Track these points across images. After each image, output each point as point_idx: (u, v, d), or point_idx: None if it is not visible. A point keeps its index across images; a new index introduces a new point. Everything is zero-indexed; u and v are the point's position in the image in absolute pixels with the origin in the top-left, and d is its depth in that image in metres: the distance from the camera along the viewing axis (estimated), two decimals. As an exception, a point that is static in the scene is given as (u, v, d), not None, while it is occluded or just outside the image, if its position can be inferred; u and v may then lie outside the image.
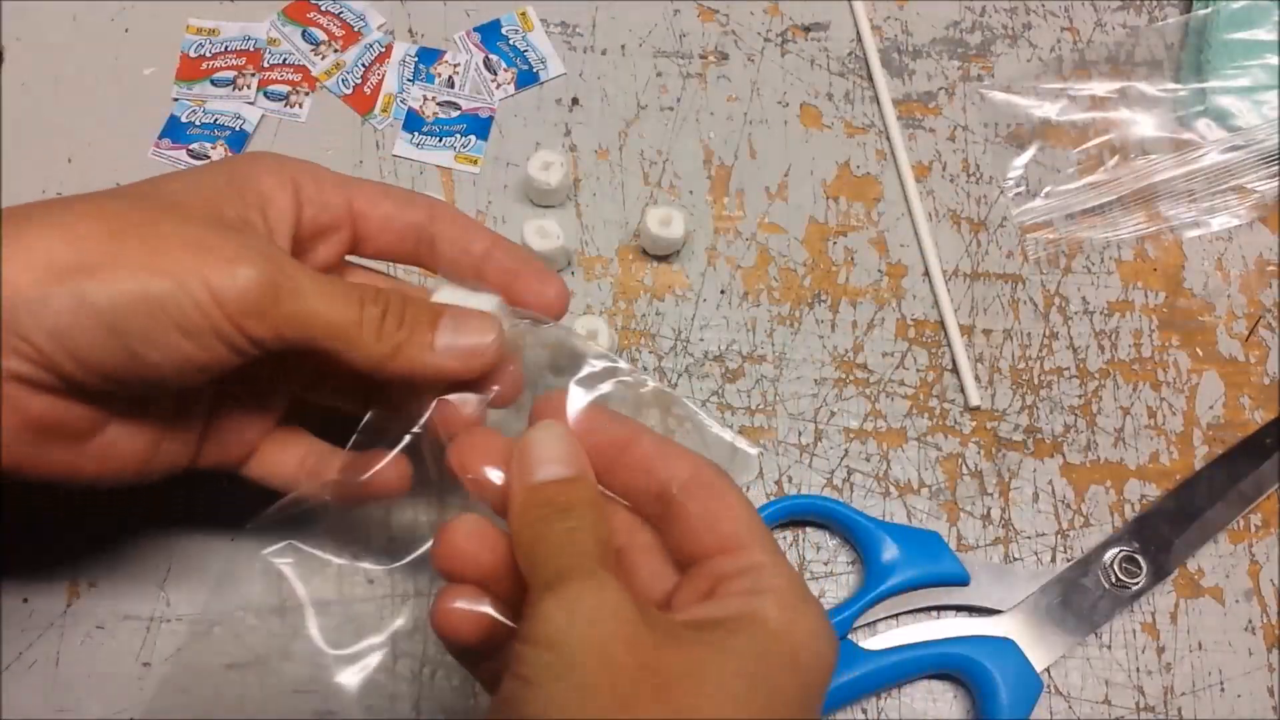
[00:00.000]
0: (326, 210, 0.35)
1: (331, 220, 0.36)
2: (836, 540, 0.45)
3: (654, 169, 0.51)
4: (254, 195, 0.34)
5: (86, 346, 0.29)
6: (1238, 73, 0.52)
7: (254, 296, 0.30)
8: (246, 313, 0.30)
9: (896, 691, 0.43)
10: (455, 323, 0.34)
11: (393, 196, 0.37)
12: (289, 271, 0.31)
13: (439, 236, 0.37)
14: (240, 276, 0.30)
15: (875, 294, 0.49)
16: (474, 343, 0.33)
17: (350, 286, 0.33)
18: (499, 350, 0.34)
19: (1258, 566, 0.45)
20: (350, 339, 0.32)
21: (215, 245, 0.30)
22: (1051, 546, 0.45)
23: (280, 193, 0.34)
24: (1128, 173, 0.51)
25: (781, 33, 0.54)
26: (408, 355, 0.33)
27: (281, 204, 0.34)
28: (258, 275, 0.30)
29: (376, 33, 0.53)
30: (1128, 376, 0.48)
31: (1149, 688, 0.43)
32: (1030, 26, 0.55)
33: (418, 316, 0.33)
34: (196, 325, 0.30)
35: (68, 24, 0.53)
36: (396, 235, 0.37)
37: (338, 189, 0.36)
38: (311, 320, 0.31)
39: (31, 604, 0.42)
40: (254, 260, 0.30)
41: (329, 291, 0.32)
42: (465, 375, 0.34)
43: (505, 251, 0.37)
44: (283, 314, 0.31)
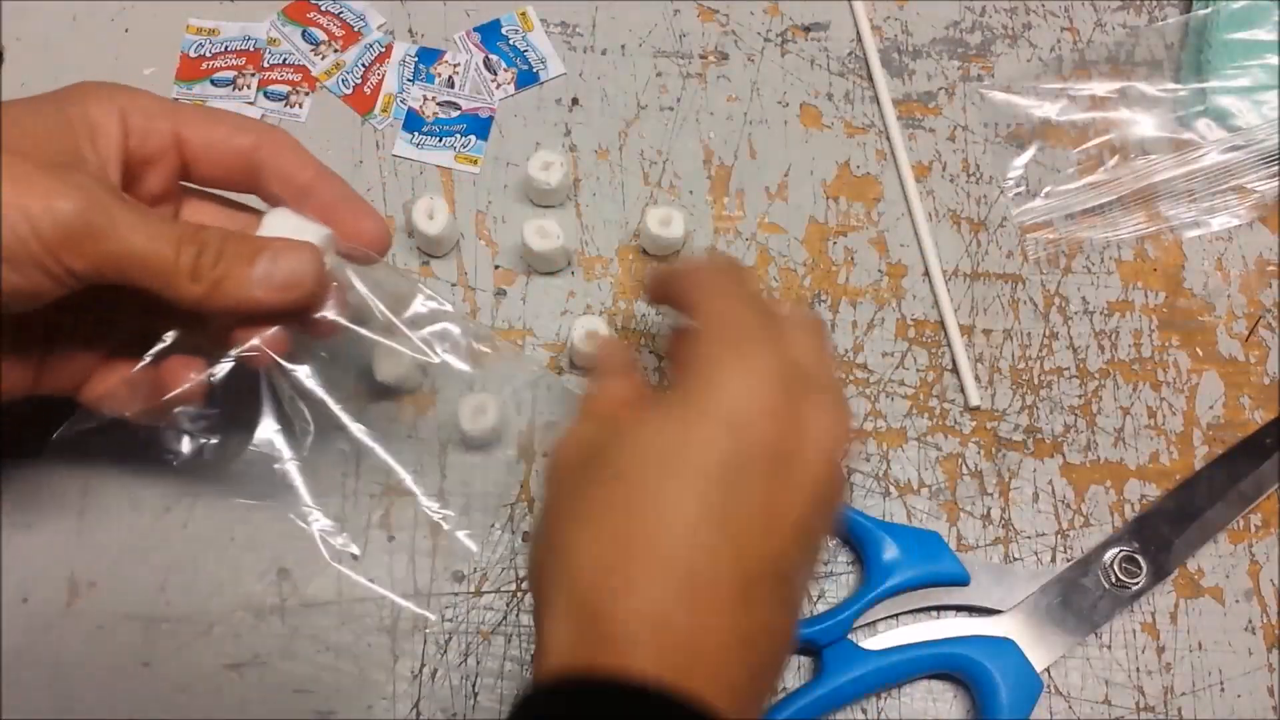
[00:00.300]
0: (153, 137, 0.36)
1: (158, 147, 0.36)
2: (836, 540, 0.45)
3: (654, 169, 0.51)
4: (84, 125, 0.34)
5: None
6: (1238, 73, 0.52)
7: (70, 231, 0.31)
8: (64, 246, 0.31)
9: (896, 691, 0.43)
10: (273, 255, 0.34)
11: (221, 122, 0.37)
12: (107, 208, 0.32)
13: (264, 165, 0.37)
14: (57, 211, 0.31)
15: (875, 294, 0.49)
16: (291, 273, 0.34)
17: (169, 225, 0.33)
18: (316, 282, 0.35)
19: (1258, 566, 0.45)
20: (167, 278, 0.33)
21: (37, 180, 0.31)
22: (1051, 546, 0.45)
23: (108, 120, 0.35)
24: (1128, 173, 0.51)
25: (781, 33, 0.54)
26: (224, 291, 0.34)
27: (110, 133, 0.35)
28: (74, 210, 0.31)
29: (376, 33, 0.53)
30: (1128, 376, 0.48)
31: (1149, 688, 0.43)
32: (1030, 26, 0.55)
33: (237, 251, 0.34)
34: (16, 255, 0.31)
35: (68, 24, 0.53)
36: (223, 162, 0.37)
37: (165, 116, 0.36)
38: (127, 258, 0.32)
39: (31, 604, 0.42)
40: (71, 195, 0.31)
41: (146, 230, 0.33)
42: (283, 307, 0.35)
43: (328, 184, 0.38)
44: (99, 250, 0.32)
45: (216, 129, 0.37)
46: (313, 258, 0.35)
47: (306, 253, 0.35)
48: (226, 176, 0.38)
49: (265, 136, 0.38)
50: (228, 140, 0.37)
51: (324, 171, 0.38)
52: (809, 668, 0.43)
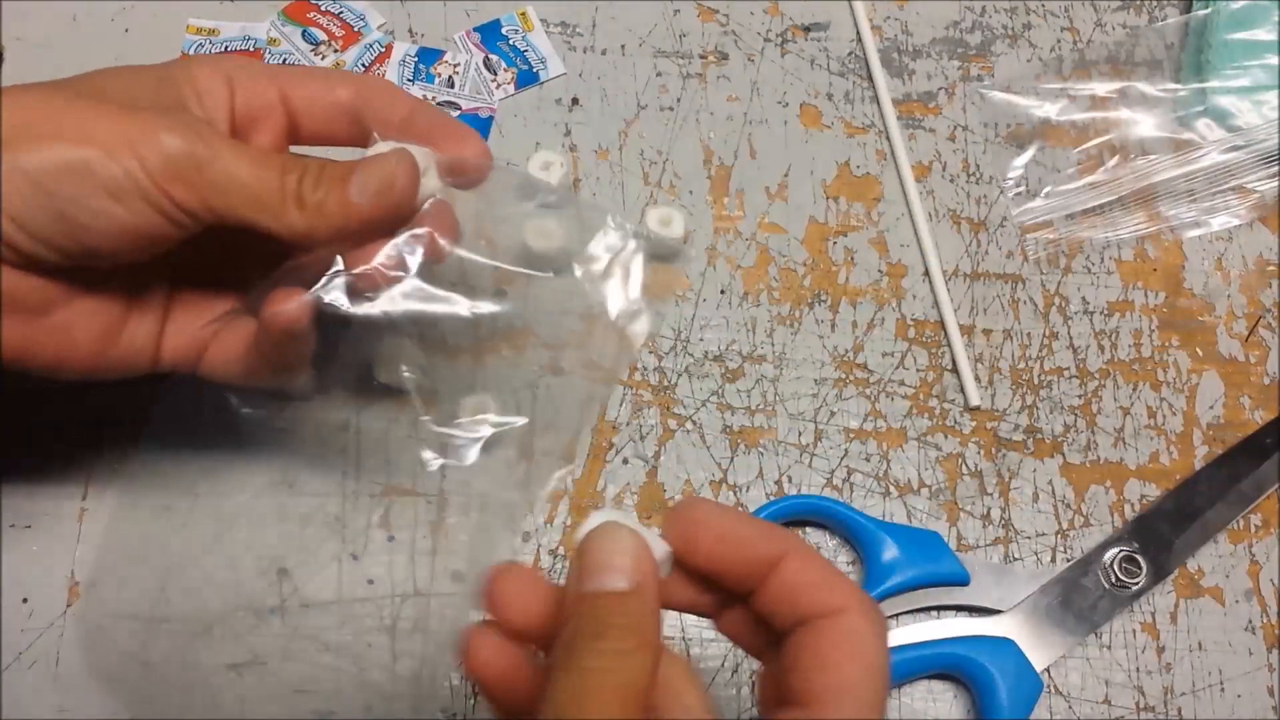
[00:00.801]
0: (258, 97, 0.37)
1: (264, 106, 0.37)
2: (836, 540, 0.45)
3: (654, 169, 0.51)
4: (189, 87, 0.35)
5: (27, 213, 0.31)
6: (1238, 73, 0.52)
7: (178, 162, 0.32)
8: (172, 178, 0.32)
9: (896, 691, 0.43)
10: (365, 166, 0.34)
11: (318, 77, 0.38)
12: (211, 141, 0.32)
13: (363, 110, 0.38)
14: (164, 142, 0.31)
15: (875, 294, 0.49)
16: (383, 177, 0.34)
17: (272, 156, 0.34)
18: (409, 180, 0.35)
19: (1258, 566, 0.45)
20: (273, 208, 0.33)
21: (141, 117, 0.32)
22: (1051, 546, 0.45)
23: (214, 82, 0.36)
24: (1128, 173, 0.51)
25: (781, 33, 0.54)
26: (327, 211, 0.34)
27: (216, 93, 0.36)
28: (181, 142, 0.32)
29: (376, 33, 0.53)
30: (1128, 376, 0.48)
31: (1149, 688, 0.43)
32: (1030, 26, 0.55)
33: (335, 174, 0.34)
34: (124, 188, 0.31)
35: (68, 24, 0.53)
36: (326, 115, 0.38)
37: (269, 79, 0.37)
38: (234, 189, 0.32)
39: (31, 604, 0.42)
40: (178, 129, 0.32)
41: (250, 160, 0.33)
42: (383, 214, 0.35)
43: (424, 114, 0.38)
44: (206, 181, 0.32)
45: (313, 83, 0.38)
46: (402, 159, 0.35)
47: (393, 157, 0.35)
48: (332, 130, 0.38)
49: (361, 84, 0.38)
50: (326, 93, 0.37)
51: (420, 104, 0.38)
52: (809, 668, 0.43)
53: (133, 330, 0.36)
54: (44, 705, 0.41)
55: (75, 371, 0.35)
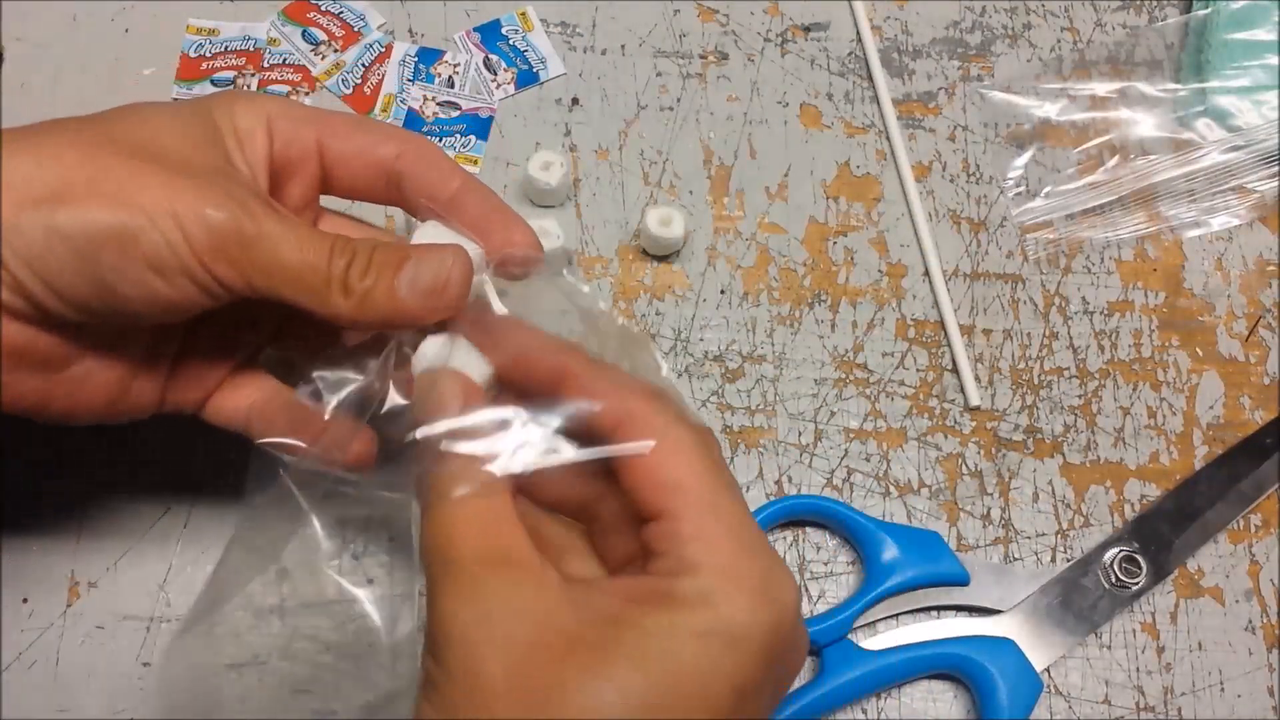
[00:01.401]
0: (295, 144, 0.35)
1: (300, 154, 0.35)
2: (836, 540, 0.45)
3: (654, 169, 0.51)
4: (231, 132, 0.34)
5: (59, 275, 0.30)
6: (1238, 73, 0.52)
7: (222, 239, 0.30)
8: (214, 255, 0.30)
9: (896, 691, 0.43)
10: (418, 260, 0.32)
11: (362, 130, 0.36)
12: (259, 217, 0.31)
13: (406, 175, 0.36)
14: (209, 218, 0.30)
15: (875, 294, 0.49)
16: (435, 277, 0.32)
17: (321, 235, 0.32)
18: (463, 284, 0.33)
19: (1258, 566, 0.45)
20: (319, 292, 0.32)
21: (187, 184, 0.30)
22: (1051, 546, 0.45)
23: (255, 127, 0.34)
24: (1128, 173, 0.51)
25: (781, 33, 0.54)
26: (373, 301, 0.32)
27: (257, 139, 0.34)
28: (226, 217, 0.30)
29: (376, 33, 0.53)
30: (1128, 376, 0.48)
31: (1149, 688, 0.43)
32: (1030, 26, 0.55)
33: (385, 261, 0.32)
34: (166, 262, 0.30)
35: (68, 24, 0.53)
36: (363, 172, 0.36)
37: (309, 123, 0.35)
38: (279, 270, 0.31)
39: (31, 604, 0.42)
40: (223, 203, 0.30)
41: (299, 241, 0.31)
42: (430, 315, 0.33)
43: (475, 195, 0.36)
44: (250, 260, 0.31)
45: (357, 136, 0.36)
46: (458, 259, 0.33)
47: (450, 255, 0.33)
48: (368, 187, 0.37)
49: (408, 145, 0.36)
50: (370, 149, 0.36)
51: (470, 182, 0.36)
52: (809, 668, 0.43)
53: (144, 381, 0.35)
54: (44, 705, 0.41)
55: (85, 421, 0.34)
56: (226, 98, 0.35)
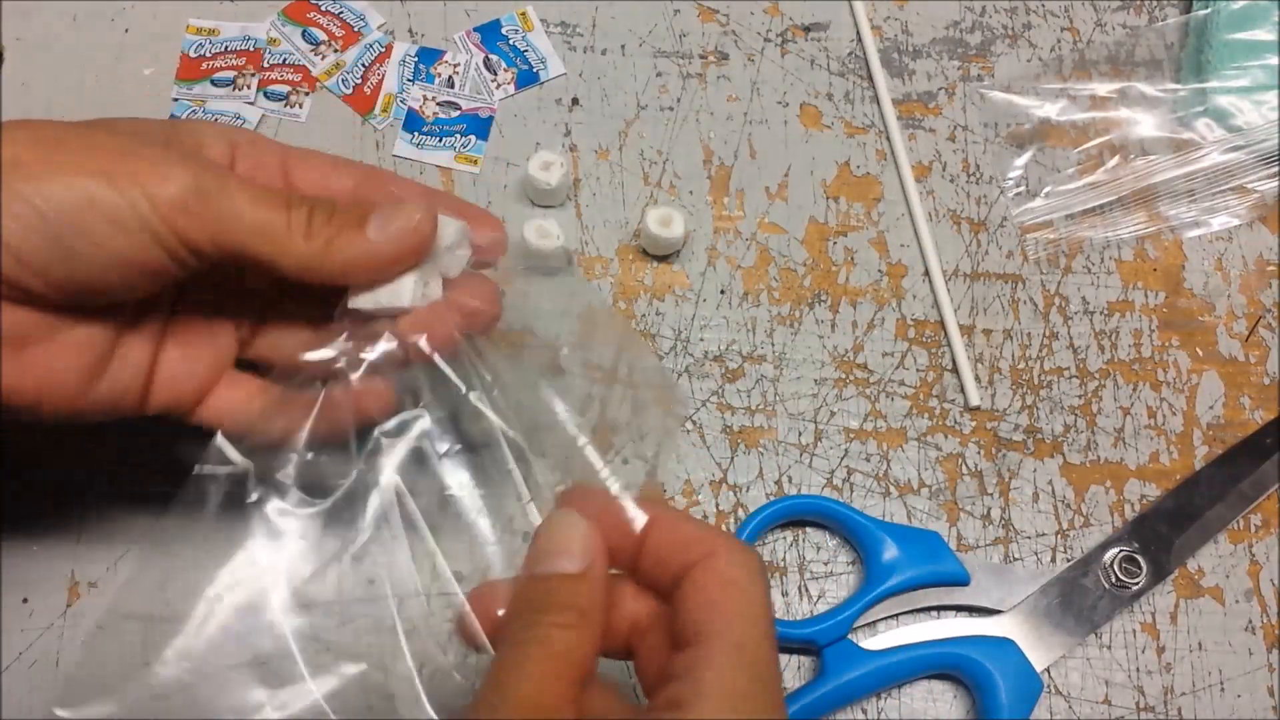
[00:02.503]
0: (261, 170, 0.36)
1: (266, 180, 0.36)
2: (836, 540, 0.45)
3: (654, 169, 0.51)
4: (192, 142, 0.35)
5: (26, 246, 0.30)
6: (1238, 73, 0.52)
7: (184, 194, 0.31)
8: (179, 211, 0.31)
9: (896, 691, 0.43)
10: (388, 209, 0.34)
11: (324, 163, 0.37)
12: (219, 176, 0.32)
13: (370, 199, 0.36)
14: (171, 175, 0.31)
15: (875, 294, 0.49)
16: (406, 220, 0.34)
17: (279, 191, 0.33)
18: (430, 225, 0.34)
19: (1258, 566, 0.45)
20: (279, 240, 0.33)
21: (148, 153, 0.32)
22: (1051, 546, 0.45)
23: (217, 146, 0.35)
24: (1128, 173, 0.51)
25: (781, 33, 0.54)
26: (337, 247, 0.33)
27: (218, 154, 0.35)
28: (189, 177, 0.31)
29: (376, 33, 0.53)
30: (1128, 376, 0.48)
31: (1149, 688, 0.43)
32: (1030, 26, 0.55)
33: (347, 214, 0.34)
34: (128, 219, 0.31)
35: (68, 24, 0.53)
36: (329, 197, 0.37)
37: (273, 154, 0.36)
38: (241, 223, 0.32)
39: (31, 604, 0.42)
40: (185, 164, 0.32)
41: (256, 193, 0.32)
42: (400, 257, 0.34)
43: (441, 199, 0.37)
44: (213, 214, 0.32)
45: (320, 168, 0.37)
46: (425, 206, 0.34)
47: (418, 204, 0.34)
48: None
49: (365, 176, 0.37)
50: (328, 180, 0.37)
51: (432, 190, 0.38)
52: (809, 668, 0.43)
53: (119, 367, 0.35)
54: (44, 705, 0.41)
55: (57, 410, 0.34)
56: (193, 124, 0.37)
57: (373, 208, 0.34)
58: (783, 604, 0.44)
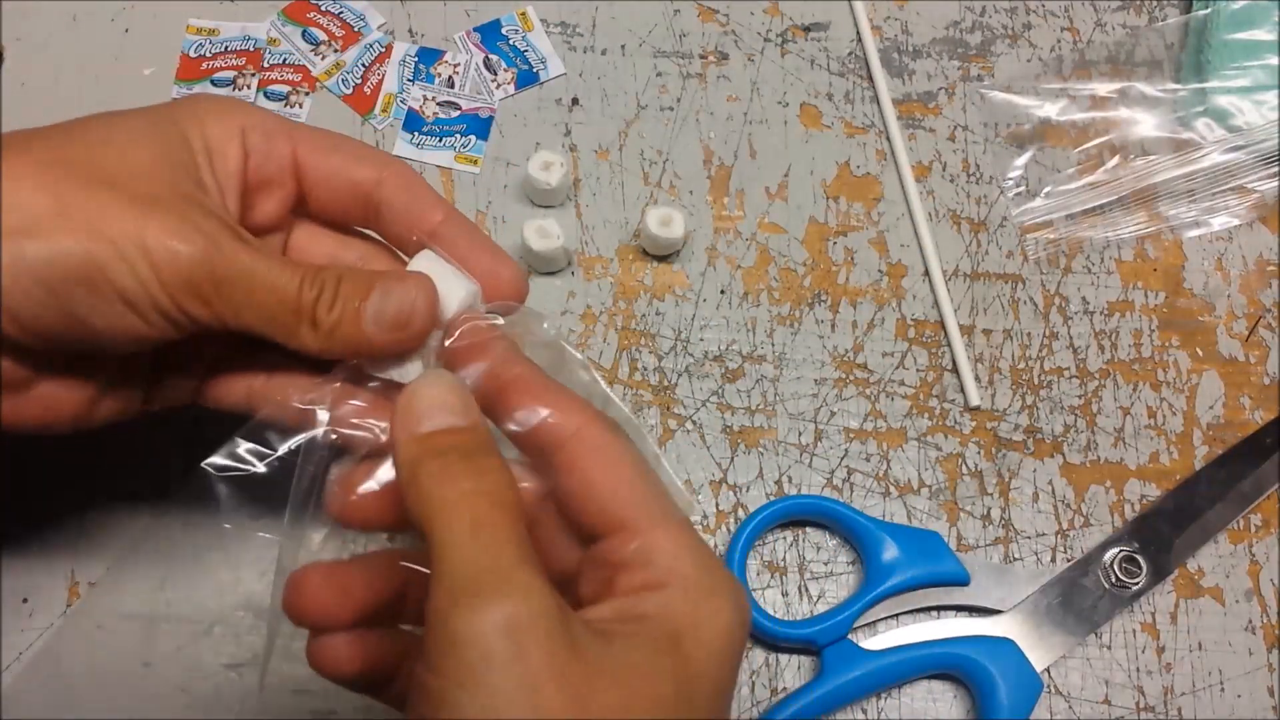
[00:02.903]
0: (272, 160, 0.34)
1: (276, 172, 0.34)
2: (836, 540, 0.45)
3: (654, 169, 0.51)
4: (202, 147, 0.33)
5: (25, 307, 0.29)
6: (1238, 73, 0.52)
7: (192, 277, 0.30)
8: (185, 292, 0.30)
9: (896, 691, 0.43)
10: (385, 289, 0.32)
11: (341, 150, 0.35)
12: (228, 252, 0.30)
13: (386, 203, 0.35)
14: (179, 254, 0.29)
15: (875, 294, 0.49)
16: (400, 309, 0.32)
17: (289, 269, 0.31)
18: (427, 317, 0.32)
19: (1258, 566, 0.45)
20: (288, 328, 0.32)
21: (155, 215, 0.30)
22: (1051, 546, 0.45)
23: (227, 141, 0.33)
24: (1128, 173, 0.51)
25: (781, 33, 0.54)
26: (341, 335, 0.32)
27: (229, 155, 0.33)
28: (197, 255, 0.30)
29: (376, 33, 0.53)
30: (1128, 376, 0.48)
31: (1149, 688, 0.43)
32: (1030, 26, 0.55)
33: (351, 290, 0.32)
34: (138, 298, 0.30)
35: (68, 24, 0.53)
36: (340, 195, 0.35)
37: (284, 138, 0.34)
38: (249, 308, 0.31)
39: (31, 604, 0.42)
40: (192, 238, 0.30)
41: (267, 276, 0.31)
42: (393, 346, 0.32)
43: (458, 228, 0.35)
44: (221, 298, 0.30)
45: (335, 156, 0.35)
46: (421, 289, 0.32)
47: (414, 286, 0.32)
48: (344, 211, 0.36)
49: (389, 170, 0.35)
50: (347, 171, 0.35)
51: (453, 214, 0.35)
52: (809, 668, 0.43)
53: (118, 391, 0.35)
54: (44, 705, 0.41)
55: (63, 431, 0.34)
56: (196, 106, 0.33)
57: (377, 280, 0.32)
58: (783, 604, 0.44)
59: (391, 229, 0.35)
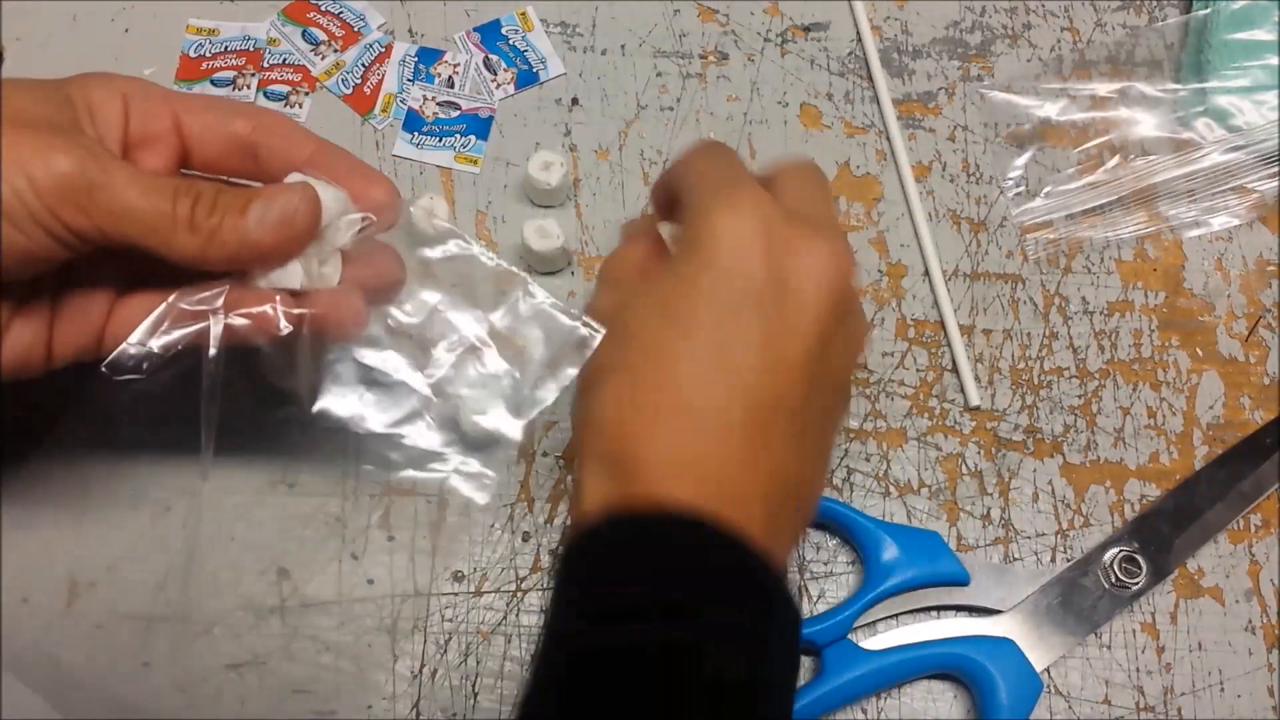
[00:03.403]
0: (153, 121, 0.36)
1: (158, 131, 0.36)
2: (836, 540, 0.45)
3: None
4: (83, 104, 0.34)
5: None
6: (1238, 73, 0.52)
7: (69, 183, 0.31)
8: (63, 201, 0.31)
9: (896, 691, 0.43)
10: (267, 197, 0.34)
11: (216, 108, 0.37)
12: (104, 164, 0.32)
13: (261, 145, 0.37)
14: (56, 164, 0.31)
15: (875, 294, 0.49)
16: (284, 209, 0.34)
17: (165, 180, 0.33)
18: (312, 216, 0.35)
19: (1258, 566, 0.45)
20: (164, 234, 0.33)
21: (32, 138, 0.31)
22: (1051, 546, 0.45)
23: (108, 101, 0.35)
24: (1128, 173, 0.51)
25: (781, 33, 0.54)
26: (220, 239, 0.33)
27: (110, 112, 0.35)
28: (72, 165, 0.31)
29: (376, 33, 0.53)
30: (1128, 376, 0.48)
31: (1149, 688, 0.43)
32: (1030, 26, 0.55)
33: (231, 201, 0.34)
34: (16, 212, 0.31)
35: (68, 24, 0.53)
36: (220, 146, 0.37)
37: (164, 102, 0.36)
38: (126, 213, 0.32)
39: (31, 604, 0.42)
40: (69, 151, 0.31)
41: (143, 184, 0.32)
42: (281, 246, 0.35)
43: (330, 156, 0.37)
44: (98, 205, 0.32)
45: (211, 113, 0.37)
46: (305, 192, 0.35)
47: (299, 190, 0.35)
48: (225, 160, 0.38)
49: (260, 119, 0.38)
50: (223, 124, 0.37)
51: (324, 145, 0.38)
52: (809, 668, 0.43)
53: (16, 336, 0.35)
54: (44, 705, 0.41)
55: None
56: (82, 77, 0.35)
57: (257, 193, 0.34)
58: (783, 604, 0.44)
59: (269, 169, 0.37)
